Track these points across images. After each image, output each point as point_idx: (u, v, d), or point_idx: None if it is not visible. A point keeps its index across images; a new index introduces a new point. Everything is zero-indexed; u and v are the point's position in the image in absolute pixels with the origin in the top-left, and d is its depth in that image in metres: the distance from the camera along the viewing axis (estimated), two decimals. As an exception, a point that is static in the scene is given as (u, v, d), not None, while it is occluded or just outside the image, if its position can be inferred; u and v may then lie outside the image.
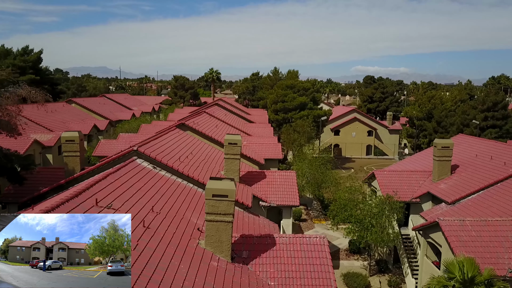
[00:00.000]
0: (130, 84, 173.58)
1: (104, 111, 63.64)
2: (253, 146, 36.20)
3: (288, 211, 22.62)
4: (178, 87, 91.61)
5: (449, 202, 22.47)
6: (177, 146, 23.64)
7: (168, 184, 18.06)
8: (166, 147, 21.91)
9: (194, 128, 31.40)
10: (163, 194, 16.37)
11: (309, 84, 54.81)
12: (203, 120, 38.45)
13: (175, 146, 23.16)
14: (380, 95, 79.05)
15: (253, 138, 41.35)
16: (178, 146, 23.62)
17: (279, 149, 35.42)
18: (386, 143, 66.95)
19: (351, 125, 65.83)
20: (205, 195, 13.10)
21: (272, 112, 53.40)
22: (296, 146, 40.69)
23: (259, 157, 33.35)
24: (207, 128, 34.17)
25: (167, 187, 17.60)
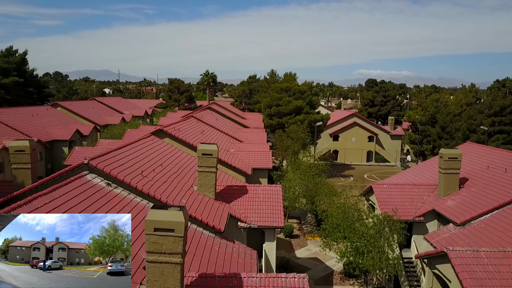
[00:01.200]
0: (128, 87, 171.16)
1: (92, 115, 60.79)
2: (241, 154, 33.18)
3: (271, 233, 19.55)
4: (172, 90, 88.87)
5: (458, 223, 19.34)
6: (145, 157, 20.63)
7: (121, 205, 15.04)
8: (130, 159, 18.91)
9: (173, 135, 28.40)
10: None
11: (305, 87, 51.79)
12: (189, 126, 35.47)
13: (142, 158, 20.15)
14: (381, 98, 75.92)
15: (243, 145, 38.35)
16: (146, 157, 20.60)
17: (269, 158, 32.38)
18: (388, 149, 63.79)
19: (350, 130, 62.74)
20: (145, 228, 9.93)
21: (266, 116, 50.40)
22: (289, 153, 37.62)
23: (246, 167, 30.31)
24: (189, 134, 31.17)
25: (118, 209, 14.59)
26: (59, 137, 44.97)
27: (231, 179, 25.81)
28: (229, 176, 26.41)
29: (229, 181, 25.01)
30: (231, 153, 32.78)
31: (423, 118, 51.73)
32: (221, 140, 37.16)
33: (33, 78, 63.92)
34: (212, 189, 19.52)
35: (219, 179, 24.08)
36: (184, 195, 18.16)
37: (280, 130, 42.48)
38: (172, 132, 28.50)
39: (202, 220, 16.47)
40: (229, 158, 30.39)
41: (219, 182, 23.64)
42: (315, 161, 35.12)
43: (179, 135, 28.72)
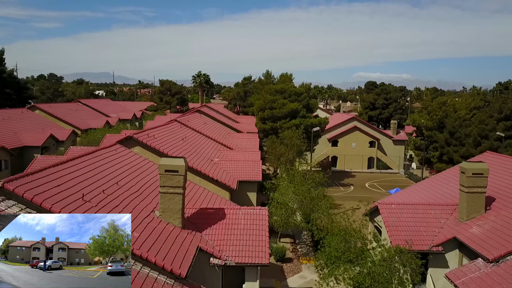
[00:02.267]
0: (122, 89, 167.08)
1: (73, 119, 56.68)
2: (227, 164, 29.07)
3: (253, 272, 15.42)
4: (164, 92, 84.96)
5: (490, 260, 15.24)
6: (97, 173, 16.48)
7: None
8: (72, 177, 14.78)
9: (144, 143, 24.30)
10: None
11: (302, 89, 47.76)
12: (168, 131, 31.38)
13: (91, 175, 16.01)
14: (383, 101, 71.96)
15: (232, 153, 34.28)
16: (98, 174, 16.45)
17: (258, 169, 28.30)
18: (390, 155, 59.71)
19: (350, 135, 58.68)
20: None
21: (259, 120, 46.33)
22: (282, 162, 33.53)
23: (231, 180, 26.22)
24: (166, 142, 27.06)
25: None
26: (30, 143, 40.86)
27: (210, 196, 21.71)
28: (208, 193, 22.32)
29: (207, 200, 20.91)
30: (215, 163, 28.70)
31: (429, 122, 47.72)
32: (206, 147, 33.10)
33: (12, 79, 59.81)
34: (178, 215, 15.40)
35: (195, 197, 20.01)
36: (138, 225, 14.03)
37: (273, 135, 38.41)
38: (143, 140, 24.41)
39: (156, 262, 12.35)
40: (211, 170, 26.30)
41: (195, 200, 19.57)
42: (311, 169, 30.97)
43: (152, 143, 24.63)
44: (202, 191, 21.98)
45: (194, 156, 27.62)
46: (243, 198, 27.59)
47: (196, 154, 28.73)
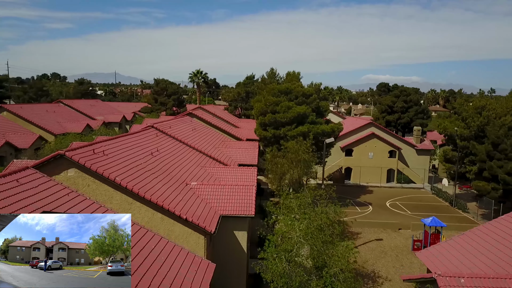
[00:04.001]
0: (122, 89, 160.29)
1: (47, 122, 49.26)
2: (209, 190, 21.18)
3: None
4: (159, 92, 77.29)
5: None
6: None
7: None
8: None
9: (82, 165, 16.59)
10: None
11: (311, 90, 39.74)
12: (134, 143, 23.63)
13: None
14: (402, 104, 63.56)
15: (219, 171, 26.53)
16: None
17: (251, 197, 20.33)
18: (413, 167, 51.41)
19: (367, 143, 50.50)
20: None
21: (259, 126, 38.42)
22: (285, 185, 25.58)
23: (209, 218, 18.38)
24: (121, 161, 19.26)
25: None
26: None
27: (168, 250, 13.86)
28: (169, 244, 14.46)
29: (162, 255, 13.06)
30: (191, 188, 20.84)
31: (465, 131, 39.39)
32: (185, 163, 25.32)
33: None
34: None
35: (136, 262, 12.22)
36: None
37: (275, 147, 30.41)
38: (80, 160, 16.61)
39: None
40: (181, 201, 18.44)
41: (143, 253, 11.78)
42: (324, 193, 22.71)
43: (94, 164, 16.83)
44: (158, 242, 14.14)
45: (161, 180, 19.81)
46: (227, 241, 19.73)
47: (166, 176, 20.91)
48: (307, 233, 19.03)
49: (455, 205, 40.97)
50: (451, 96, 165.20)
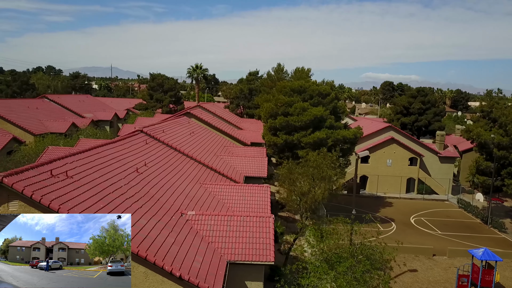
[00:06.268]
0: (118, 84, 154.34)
1: (26, 120, 43.74)
2: (210, 223, 15.87)
3: None
4: (155, 88, 71.78)
5: None
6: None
7: None
8: None
9: (27, 196, 11.23)
10: None
11: (328, 88, 34.40)
12: (119, 154, 18.31)
13: None
14: (419, 105, 58.25)
15: (229, 190, 21.22)
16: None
17: (268, 241, 14.98)
18: (435, 177, 46.22)
19: (385, 149, 45.28)
20: None
21: (268, 130, 33.06)
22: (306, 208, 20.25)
23: (214, 269, 13.10)
24: (87, 186, 13.92)
25: None
26: None
27: None
28: None
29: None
30: (187, 221, 15.49)
31: (505, 139, 34.17)
32: (181, 181, 20.01)
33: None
34: None
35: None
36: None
37: (291, 161, 24.98)
38: (24, 189, 11.23)
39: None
40: (175, 245, 13.10)
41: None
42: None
43: (46, 195, 11.44)
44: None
45: (147, 212, 14.47)
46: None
47: (154, 203, 15.56)
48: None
49: (490, 224, 35.78)
50: (459, 96, 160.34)
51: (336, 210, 32.49)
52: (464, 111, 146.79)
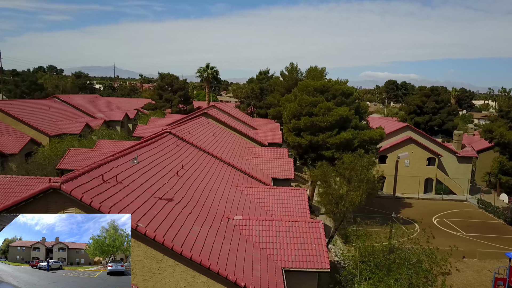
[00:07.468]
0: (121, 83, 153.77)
1: (40, 121, 43.18)
2: (262, 229, 15.38)
3: None
4: (164, 88, 71.23)
5: None
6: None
7: None
8: None
9: (84, 202, 10.73)
10: None
11: (351, 88, 33.94)
12: (155, 156, 17.87)
13: None
14: (433, 105, 57.81)
15: (265, 193, 20.74)
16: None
17: (321, 247, 14.49)
18: (453, 177, 45.75)
19: (403, 149, 44.71)
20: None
21: (290, 130, 32.55)
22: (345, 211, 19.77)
23: (273, 279, 12.62)
24: (137, 190, 13.49)
25: None
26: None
27: None
28: None
29: None
30: (235, 226, 14.97)
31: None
32: (218, 184, 19.52)
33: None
34: None
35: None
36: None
37: (325, 162, 24.51)
38: (83, 196, 10.75)
39: None
40: (232, 253, 12.61)
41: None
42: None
43: (103, 202, 10.96)
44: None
45: (197, 218, 13.96)
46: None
47: (200, 208, 15.05)
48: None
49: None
50: (463, 94, 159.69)
51: (360, 213, 32.00)
52: (469, 110, 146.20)
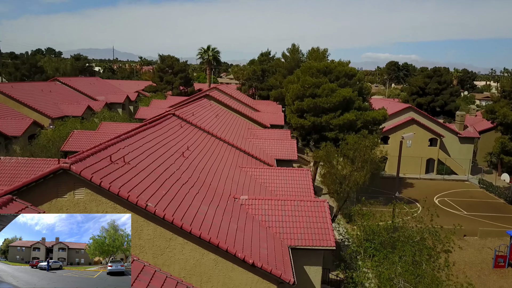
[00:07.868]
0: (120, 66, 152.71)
1: (42, 103, 43.13)
2: (268, 209, 15.59)
3: None
4: (164, 70, 70.90)
5: None
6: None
7: None
8: None
9: (94, 183, 10.87)
10: None
11: (354, 69, 33.76)
12: (160, 137, 17.94)
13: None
14: (436, 85, 57.51)
15: (269, 173, 20.94)
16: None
17: (327, 225, 14.71)
18: (455, 157, 45.93)
19: (405, 130, 44.75)
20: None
21: (293, 112, 32.54)
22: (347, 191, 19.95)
23: (280, 256, 12.87)
24: (145, 171, 13.59)
25: None
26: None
27: None
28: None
29: None
30: (241, 205, 15.17)
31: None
32: (222, 165, 19.65)
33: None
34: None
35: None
36: None
37: (329, 143, 24.56)
38: (92, 176, 10.88)
39: None
40: (239, 231, 12.83)
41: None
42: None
43: (113, 182, 11.11)
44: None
45: (204, 198, 14.14)
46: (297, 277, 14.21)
47: (207, 189, 15.22)
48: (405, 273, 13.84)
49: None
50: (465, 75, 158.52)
51: (363, 193, 32.27)
52: (471, 91, 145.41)
